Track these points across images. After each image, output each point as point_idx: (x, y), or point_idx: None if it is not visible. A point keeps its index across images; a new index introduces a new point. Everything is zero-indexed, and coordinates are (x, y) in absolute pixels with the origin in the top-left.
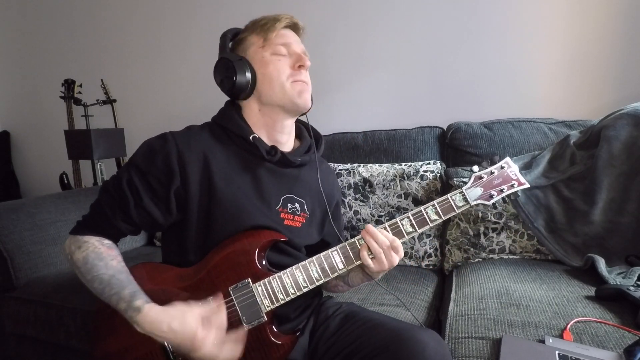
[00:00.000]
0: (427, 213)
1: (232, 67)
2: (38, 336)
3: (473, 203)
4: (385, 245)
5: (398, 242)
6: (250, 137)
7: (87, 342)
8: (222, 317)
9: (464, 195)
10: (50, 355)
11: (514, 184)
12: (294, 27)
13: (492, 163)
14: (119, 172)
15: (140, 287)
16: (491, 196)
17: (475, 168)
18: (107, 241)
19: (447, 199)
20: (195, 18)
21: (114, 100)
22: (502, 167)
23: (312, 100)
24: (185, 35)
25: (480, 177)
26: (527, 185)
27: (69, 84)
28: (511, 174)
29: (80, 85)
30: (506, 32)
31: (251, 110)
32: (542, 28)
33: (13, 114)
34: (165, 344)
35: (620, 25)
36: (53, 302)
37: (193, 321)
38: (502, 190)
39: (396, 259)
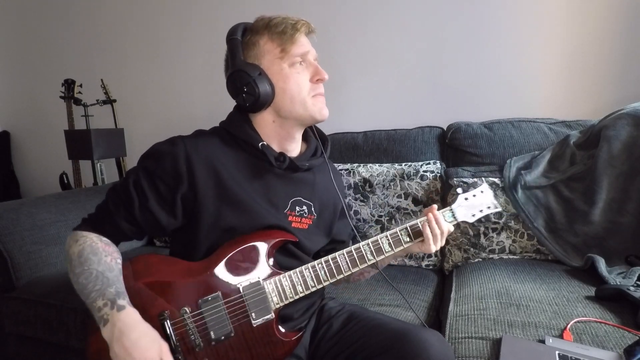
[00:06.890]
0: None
1: (254, 83)
2: (38, 336)
3: (459, 220)
4: (445, 231)
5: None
6: (259, 145)
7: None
8: None
9: (452, 212)
10: (50, 355)
11: (490, 207)
12: (308, 32)
13: (474, 187)
14: (127, 174)
15: (144, 278)
16: (473, 215)
17: (459, 190)
18: (106, 239)
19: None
20: (195, 18)
21: (114, 100)
22: (482, 192)
23: None
24: (186, 35)
25: (466, 199)
26: (500, 209)
27: (69, 84)
28: (487, 199)
29: (80, 85)
30: (506, 32)
31: (264, 121)
32: (542, 28)
33: (13, 114)
34: (171, 334)
35: (620, 25)
36: (53, 302)
37: (156, 351)
38: (481, 211)
39: (439, 246)
